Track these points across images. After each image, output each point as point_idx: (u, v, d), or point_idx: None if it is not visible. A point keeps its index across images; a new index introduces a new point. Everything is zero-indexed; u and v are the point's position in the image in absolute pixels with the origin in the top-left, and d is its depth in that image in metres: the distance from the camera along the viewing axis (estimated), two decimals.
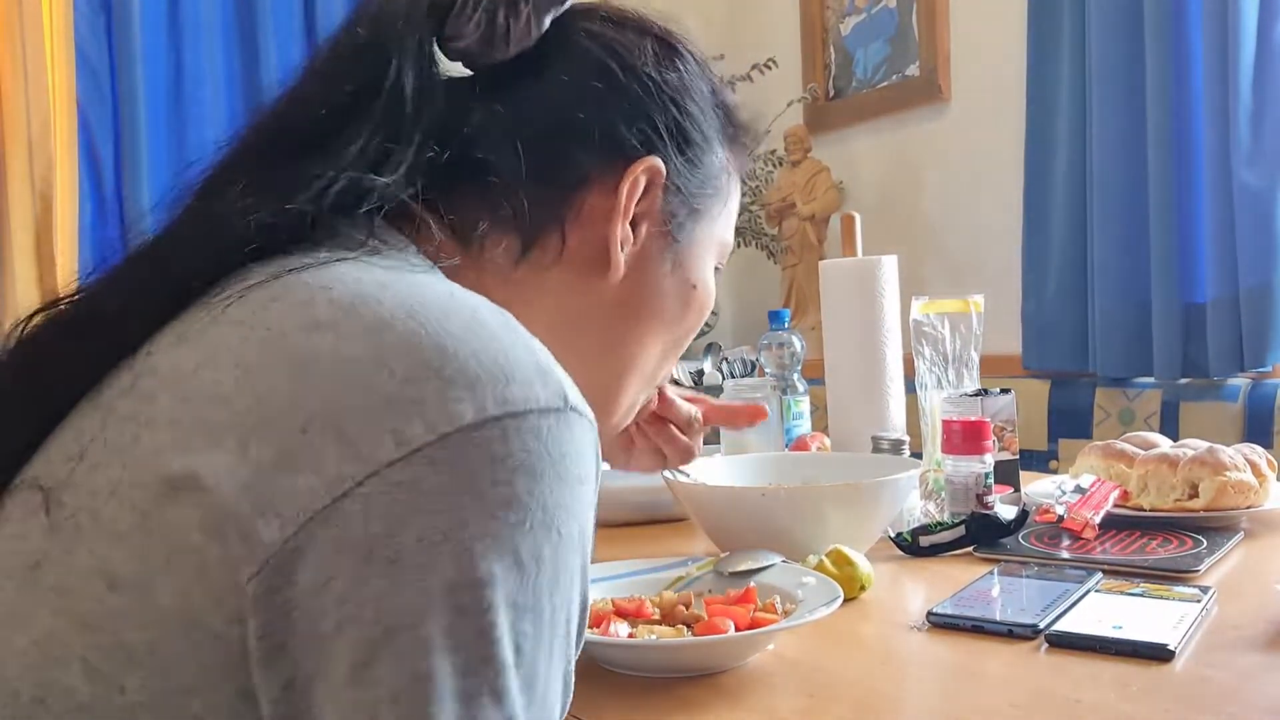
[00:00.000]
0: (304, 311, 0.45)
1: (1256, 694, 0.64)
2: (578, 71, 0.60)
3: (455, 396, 0.41)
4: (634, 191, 0.60)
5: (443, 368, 0.42)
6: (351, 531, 0.39)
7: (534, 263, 0.59)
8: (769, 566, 0.84)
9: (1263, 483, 1.07)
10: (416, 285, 0.47)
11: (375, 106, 0.53)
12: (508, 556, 0.40)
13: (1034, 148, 2.21)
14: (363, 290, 0.45)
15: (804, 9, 2.90)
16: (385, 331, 0.43)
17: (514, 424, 0.41)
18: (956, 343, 1.26)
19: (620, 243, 0.61)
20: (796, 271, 2.78)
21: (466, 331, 0.44)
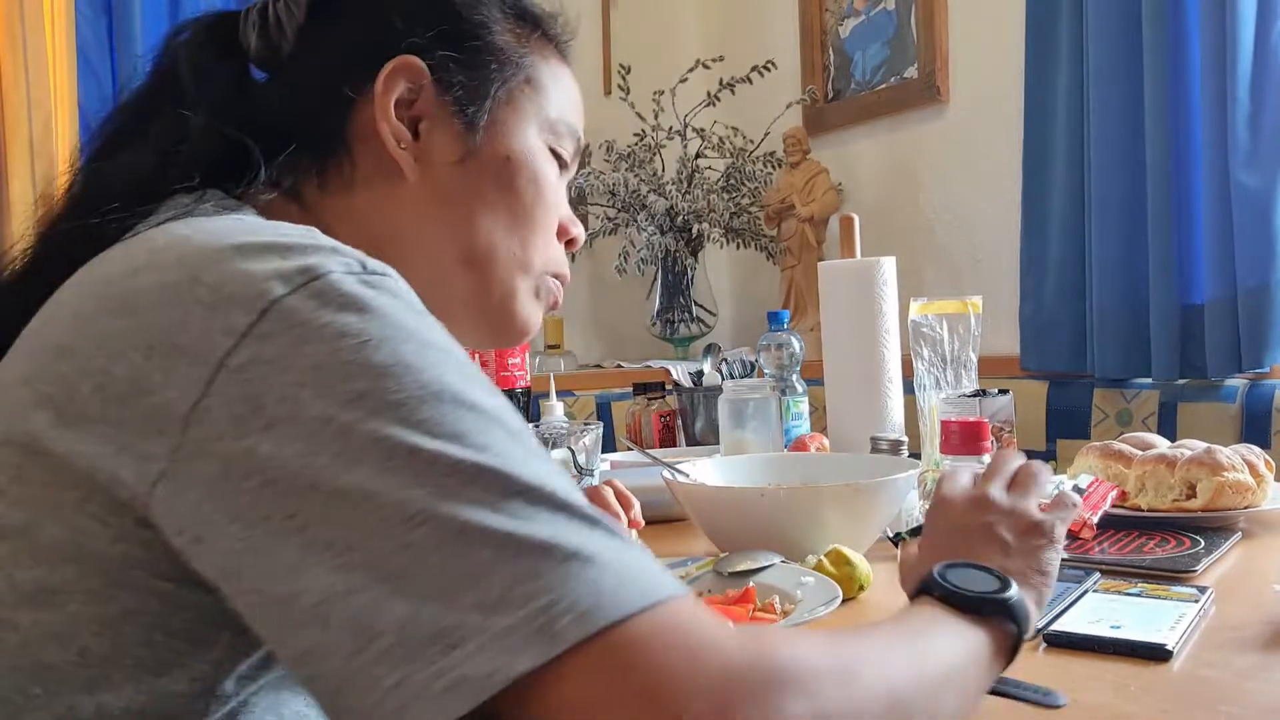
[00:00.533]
0: (126, 261, 0.50)
1: (1254, 694, 0.64)
2: (330, 12, 0.67)
3: (263, 278, 0.45)
4: (389, 90, 0.64)
5: (248, 263, 0.46)
6: (221, 422, 0.43)
7: (334, 185, 0.65)
8: (768, 566, 0.85)
9: (1260, 483, 1.07)
10: (224, 220, 0.53)
11: (171, 112, 0.62)
12: (367, 372, 0.43)
13: (1032, 149, 2.21)
14: (176, 233, 0.50)
15: (803, 11, 2.90)
16: (194, 256, 0.47)
17: (321, 282, 0.45)
18: (955, 343, 1.27)
19: (396, 140, 0.64)
20: (795, 273, 2.78)
21: (264, 232, 0.49)
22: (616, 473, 1.33)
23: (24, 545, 0.46)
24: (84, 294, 0.50)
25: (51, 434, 0.46)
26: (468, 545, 0.40)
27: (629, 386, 2.11)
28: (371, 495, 0.41)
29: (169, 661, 0.46)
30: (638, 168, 2.71)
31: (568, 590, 0.40)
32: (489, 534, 0.41)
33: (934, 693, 0.49)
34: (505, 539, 0.41)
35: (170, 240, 0.50)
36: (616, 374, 2.68)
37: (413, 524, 0.41)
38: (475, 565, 0.40)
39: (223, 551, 0.42)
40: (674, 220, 2.69)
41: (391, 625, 0.39)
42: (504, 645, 0.39)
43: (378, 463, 0.41)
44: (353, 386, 0.43)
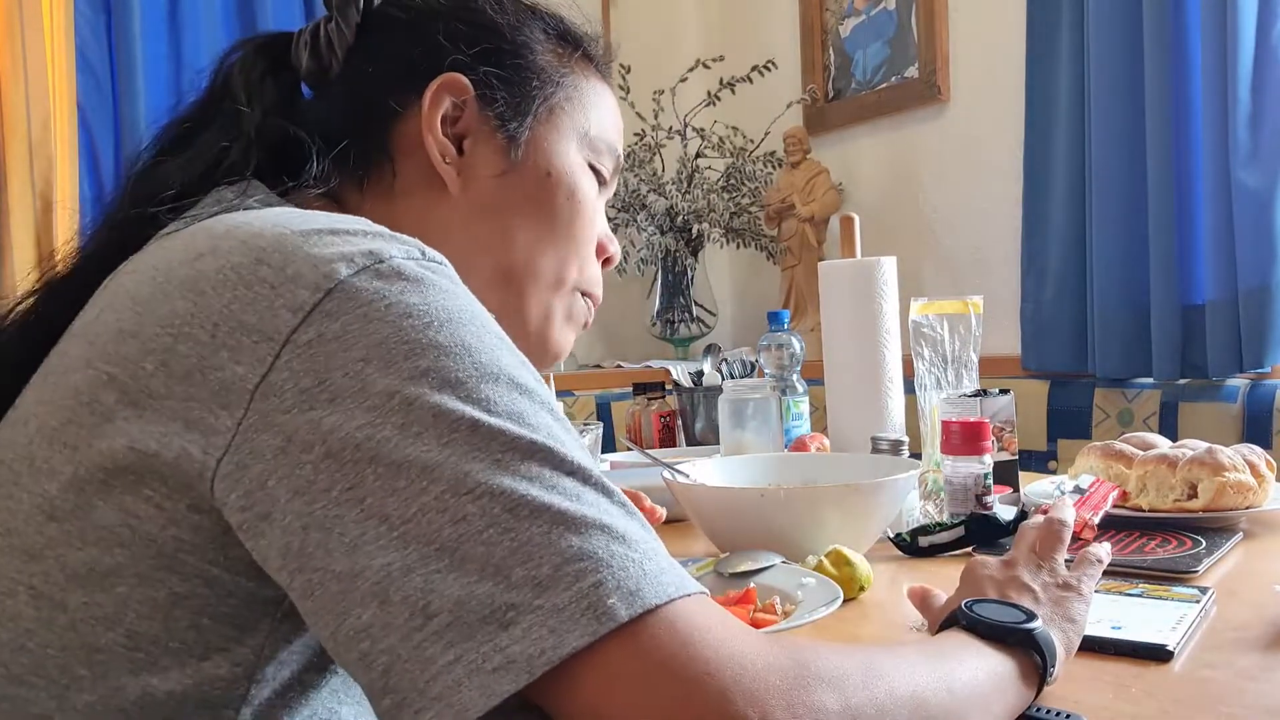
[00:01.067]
0: (186, 247, 0.51)
1: (1255, 694, 0.64)
2: (379, 32, 0.70)
3: (327, 260, 0.47)
4: (436, 106, 0.67)
5: (311, 246, 0.47)
6: (288, 395, 0.44)
7: (375, 192, 0.67)
8: (769, 567, 0.85)
9: (1261, 483, 1.07)
10: (280, 210, 0.54)
11: (222, 124, 0.65)
12: (429, 351, 0.45)
13: (1033, 149, 2.21)
14: (234, 220, 0.52)
15: (803, 11, 2.90)
16: (257, 239, 0.49)
17: (385, 265, 0.47)
18: (955, 343, 1.26)
19: (440, 155, 0.67)
20: (796, 273, 2.78)
21: (324, 220, 0.50)
22: (616, 473, 1.33)
23: (75, 527, 0.47)
24: (143, 280, 0.51)
25: (119, 414, 0.46)
26: (520, 520, 0.42)
27: (629, 386, 2.11)
28: (432, 467, 0.42)
29: (214, 646, 0.47)
30: (638, 167, 2.71)
31: (615, 571, 0.42)
32: (542, 509, 0.42)
33: (959, 709, 0.50)
34: (557, 515, 0.42)
35: (230, 227, 0.51)
36: (616, 374, 2.68)
37: (469, 497, 0.42)
38: (528, 540, 0.41)
39: (285, 529, 0.43)
40: (674, 220, 2.69)
41: (448, 603, 0.40)
42: (553, 624, 0.40)
43: (439, 435, 0.43)
44: (416, 363, 0.44)
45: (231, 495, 0.44)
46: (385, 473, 0.42)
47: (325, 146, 0.65)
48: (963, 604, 0.61)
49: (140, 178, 0.64)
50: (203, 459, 0.45)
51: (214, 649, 0.47)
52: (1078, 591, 0.68)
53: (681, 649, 0.41)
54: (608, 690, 0.40)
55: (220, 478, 0.44)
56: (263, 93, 0.67)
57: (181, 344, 0.46)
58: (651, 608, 0.41)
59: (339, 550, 0.42)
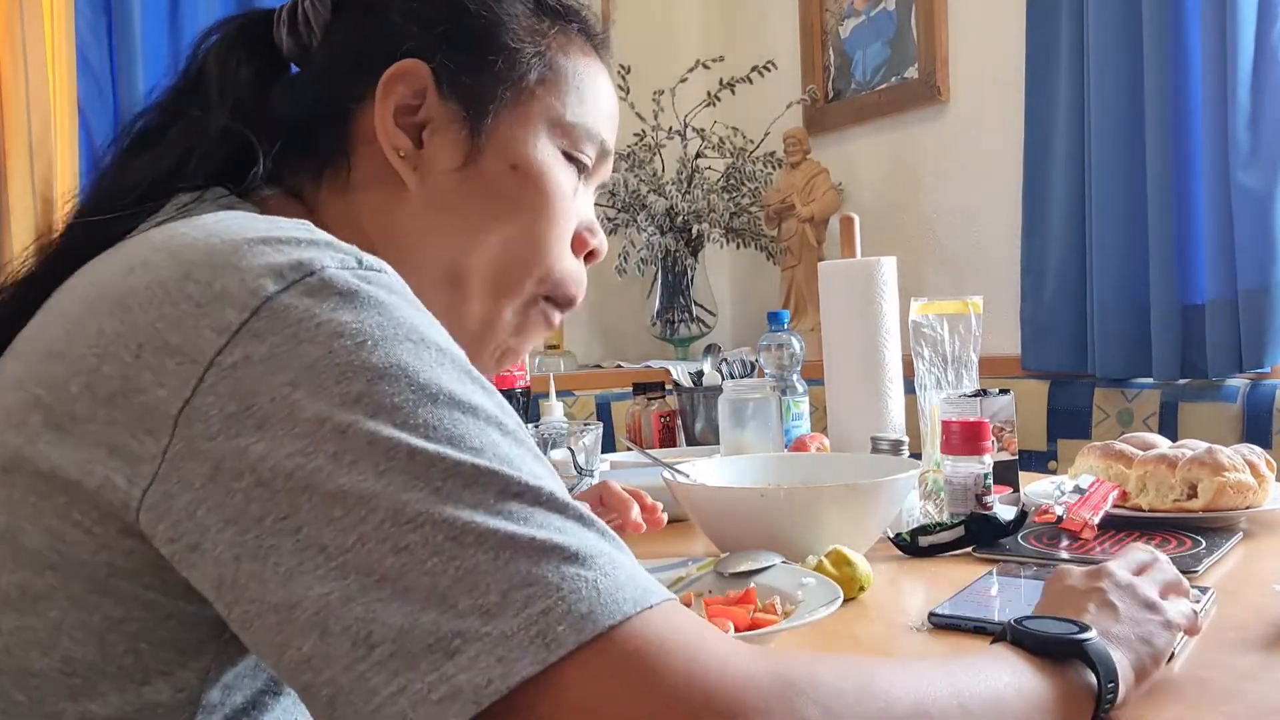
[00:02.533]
0: (122, 261, 0.49)
1: (1255, 694, 0.64)
2: (350, 10, 0.65)
3: (255, 274, 0.44)
4: (388, 97, 0.62)
5: (240, 259, 0.45)
6: (213, 421, 0.42)
7: (332, 186, 0.63)
8: (769, 567, 0.85)
9: (1261, 483, 1.07)
10: (220, 216, 0.51)
11: (192, 116, 0.62)
12: (363, 374, 0.42)
13: (1033, 149, 2.21)
14: (172, 230, 0.49)
15: (803, 11, 2.90)
16: (186, 252, 0.46)
17: (315, 278, 0.44)
18: (955, 343, 1.26)
19: (395, 149, 0.62)
20: (795, 273, 2.78)
21: (260, 228, 0.47)
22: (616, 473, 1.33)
23: (6, 550, 0.45)
24: (77, 295, 0.49)
25: (44, 437, 0.45)
26: (465, 547, 0.40)
27: (629, 386, 2.11)
28: (368, 497, 0.40)
29: (154, 670, 0.46)
30: (638, 168, 2.71)
31: (566, 594, 0.40)
32: (486, 535, 0.40)
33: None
34: (503, 540, 0.40)
35: (165, 238, 0.49)
36: (616, 374, 2.68)
37: (410, 526, 0.40)
38: (473, 568, 0.40)
39: (217, 559, 0.41)
40: (674, 220, 2.69)
41: (390, 633, 0.39)
42: (501, 653, 0.38)
43: (375, 464, 0.41)
44: (349, 388, 0.42)
45: (159, 526, 0.42)
46: (320, 502, 0.40)
47: (293, 136, 0.62)
48: (1013, 619, 0.56)
49: (107, 176, 0.62)
50: (127, 489, 0.43)
51: (155, 673, 0.46)
52: (1164, 617, 0.63)
53: (644, 670, 0.39)
54: (569, 715, 0.38)
55: (146, 509, 0.42)
56: (237, 82, 0.63)
57: (106, 365, 0.44)
58: (605, 629, 0.39)
59: (274, 581, 0.40)
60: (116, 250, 0.51)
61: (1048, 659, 0.54)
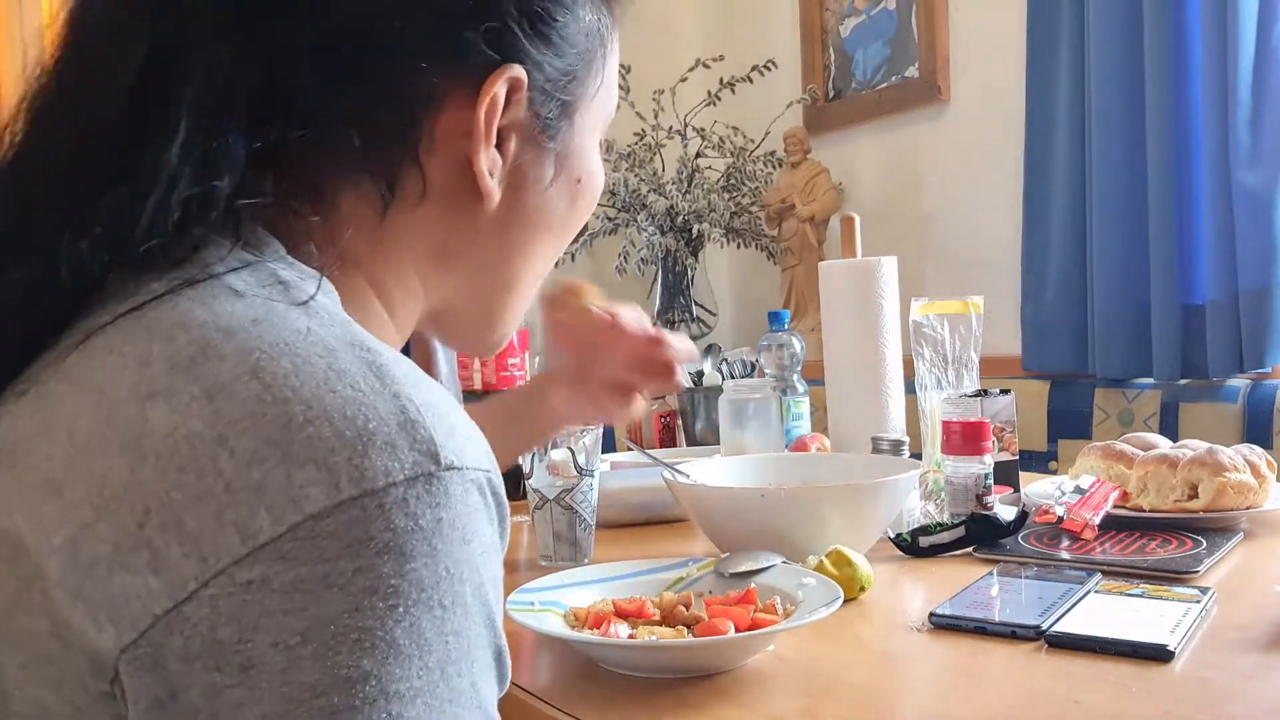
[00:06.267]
0: (139, 373, 0.40)
1: (1256, 695, 0.64)
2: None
3: (304, 478, 0.37)
4: (494, 110, 0.51)
5: (289, 442, 0.37)
6: (198, 639, 0.36)
7: (399, 207, 0.52)
8: (769, 567, 0.85)
9: (1262, 484, 1.07)
10: (267, 327, 0.41)
11: (182, 89, 0.45)
12: (381, 648, 0.36)
13: (1033, 149, 2.21)
14: (205, 340, 0.40)
15: (803, 11, 2.90)
16: (225, 399, 0.38)
17: (373, 502, 0.37)
18: (956, 344, 1.26)
19: (488, 170, 0.52)
20: (796, 273, 2.78)
21: (320, 388, 0.39)
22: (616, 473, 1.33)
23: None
24: (83, 406, 0.40)
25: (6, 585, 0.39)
26: None
27: None
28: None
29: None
30: (638, 167, 2.70)
31: None
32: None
33: None
34: None
35: (195, 352, 0.40)
36: None
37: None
38: None
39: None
40: (674, 220, 2.69)
41: None
42: None
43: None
44: (359, 663, 0.36)
45: None
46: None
47: (335, 134, 0.49)
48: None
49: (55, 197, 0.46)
50: (85, 684, 0.38)
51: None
52: None
53: None
54: None
55: (105, 711, 0.38)
56: None
57: (103, 523, 0.37)
58: None
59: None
60: (135, 342, 0.41)
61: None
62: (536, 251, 0.59)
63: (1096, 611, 0.78)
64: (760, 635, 0.72)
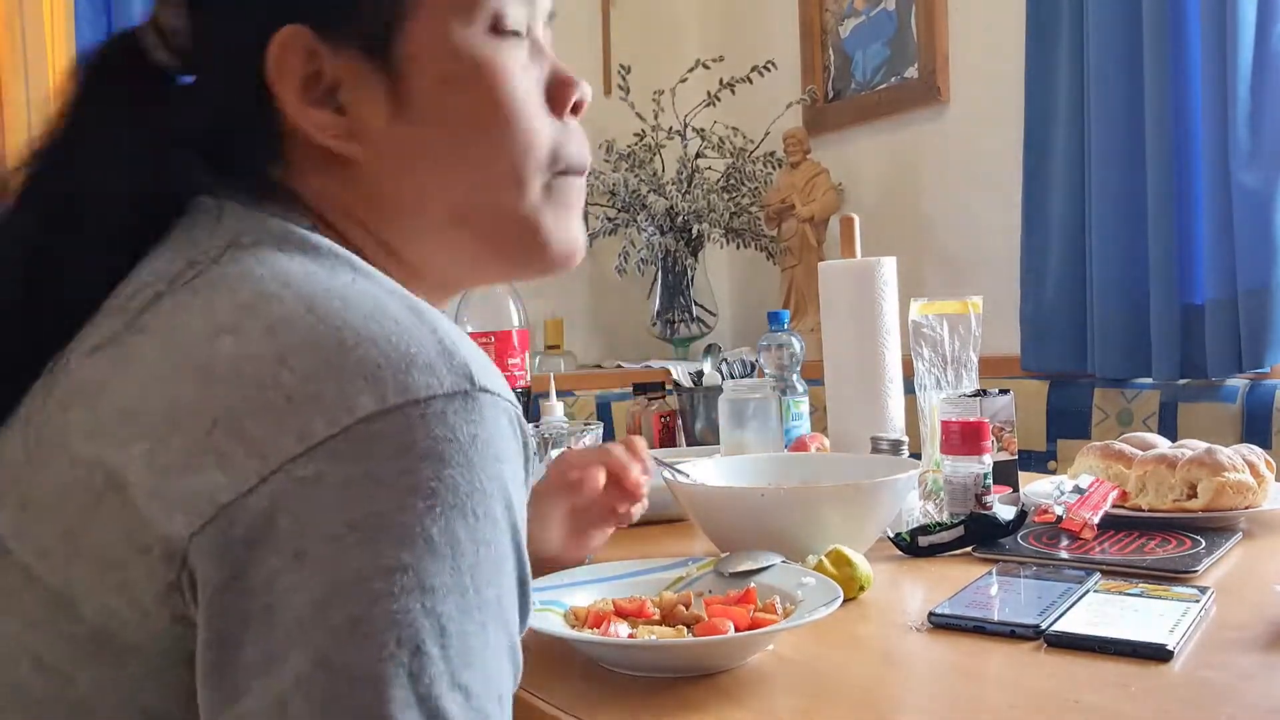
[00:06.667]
0: (207, 317, 0.45)
1: (1255, 695, 0.64)
2: (206, 6, 0.56)
3: (355, 389, 0.41)
4: (284, 77, 0.53)
5: (342, 361, 0.42)
6: (258, 527, 0.40)
7: (308, 175, 0.56)
8: (769, 567, 0.85)
9: (1261, 483, 1.07)
10: (319, 277, 0.47)
11: None
12: (419, 542, 0.40)
13: (1032, 149, 2.21)
14: (264, 289, 0.46)
15: (803, 11, 2.90)
16: (285, 329, 0.44)
17: (416, 411, 0.42)
18: (955, 343, 1.26)
19: (321, 130, 0.54)
20: (795, 273, 2.78)
21: (367, 320, 0.44)
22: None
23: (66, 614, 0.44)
24: (157, 348, 0.46)
25: (135, 482, 0.43)
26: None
27: (629, 386, 2.11)
28: (356, 679, 0.39)
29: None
30: (638, 168, 2.71)
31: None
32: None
33: None
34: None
35: (254, 296, 0.45)
36: (616, 374, 2.68)
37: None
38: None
39: (198, 663, 0.41)
40: (674, 220, 2.69)
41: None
42: None
43: (382, 647, 0.39)
44: (400, 554, 0.40)
45: (193, 614, 0.42)
46: (310, 664, 0.39)
47: (216, 146, 0.55)
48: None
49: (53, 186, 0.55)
50: (154, 577, 0.42)
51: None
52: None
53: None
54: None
55: (175, 597, 0.42)
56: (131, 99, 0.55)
57: (176, 436, 0.42)
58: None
59: (246, 702, 0.39)
60: (198, 300, 0.47)
61: None
62: (454, 173, 0.56)
63: (1095, 611, 0.79)
64: (760, 635, 0.72)
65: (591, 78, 3.34)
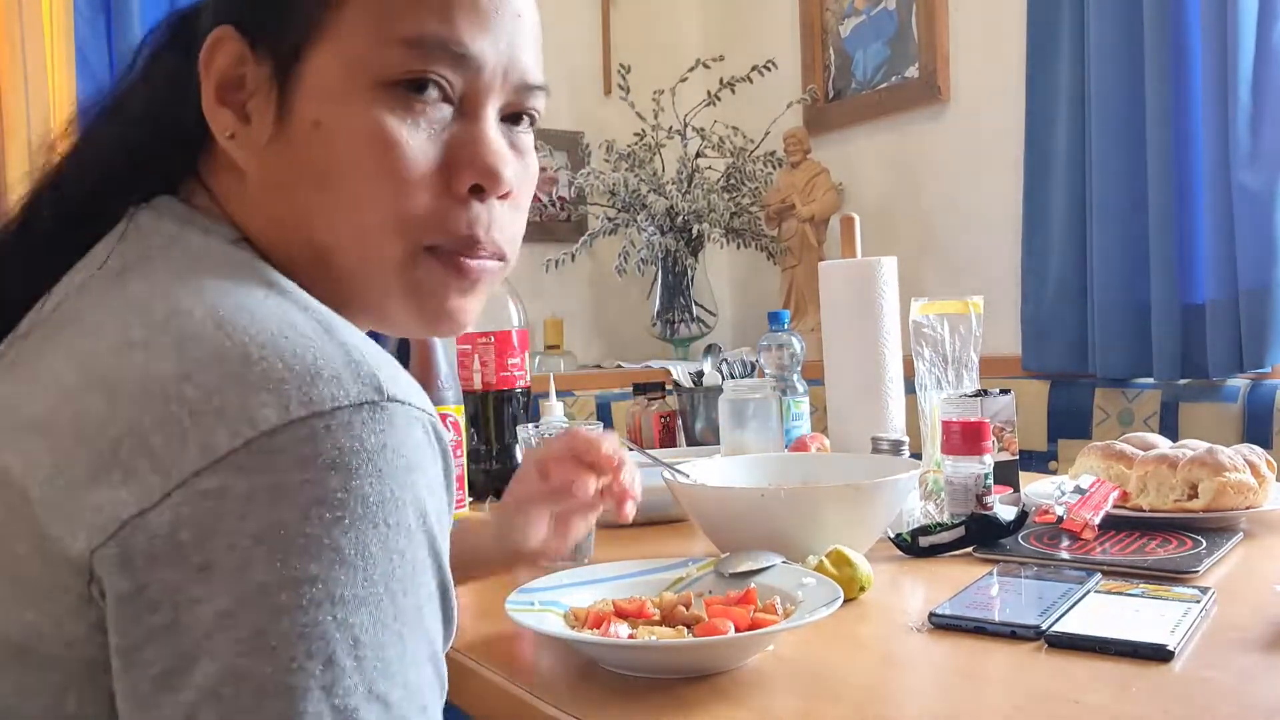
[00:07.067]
0: (118, 331, 0.46)
1: (1256, 695, 0.64)
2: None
3: (259, 401, 0.41)
4: (208, 76, 0.55)
5: (246, 373, 0.42)
6: (161, 541, 0.40)
7: (223, 173, 0.57)
8: (769, 567, 0.84)
9: (1262, 483, 1.07)
10: (229, 292, 0.47)
11: None
12: (328, 554, 0.40)
13: (1033, 149, 2.21)
14: (176, 304, 0.46)
15: (803, 11, 2.90)
16: (193, 345, 0.43)
17: (321, 422, 0.41)
18: (956, 344, 1.26)
19: (222, 131, 0.55)
20: (796, 273, 2.78)
21: (273, 334, 0.44)
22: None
23: None
24: (67, 360, 0.46)
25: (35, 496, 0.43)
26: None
27: (629, 387, 2.10)
28: (267, 691, 0.39)
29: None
30: (638, 168, 2.71)
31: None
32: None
33: None
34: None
35: (167, 313, 0.45)
36: (616, 374, 2.68)
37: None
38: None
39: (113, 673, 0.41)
40: (674, 220, 2.69)
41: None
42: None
43: (291, 659, 0.39)
44: (307, 566, 0.40)
45: (100, 627, 0.42)
46: (217, 675, 0.39)
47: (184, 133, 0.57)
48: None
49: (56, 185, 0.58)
50: (62, 588, 0.42)
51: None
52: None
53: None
54: None
55: (82, 609, 0.42)
56: (167, 88, 0.58)
57: (82, 449, 0.42)
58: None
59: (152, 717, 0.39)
60: (110, 313, 0.47)
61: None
62: (315, 212, 0.54)
63: (1096, 611, 0.78)
64: (760, 635, 0.72)
65: (591, 78, 3.33)
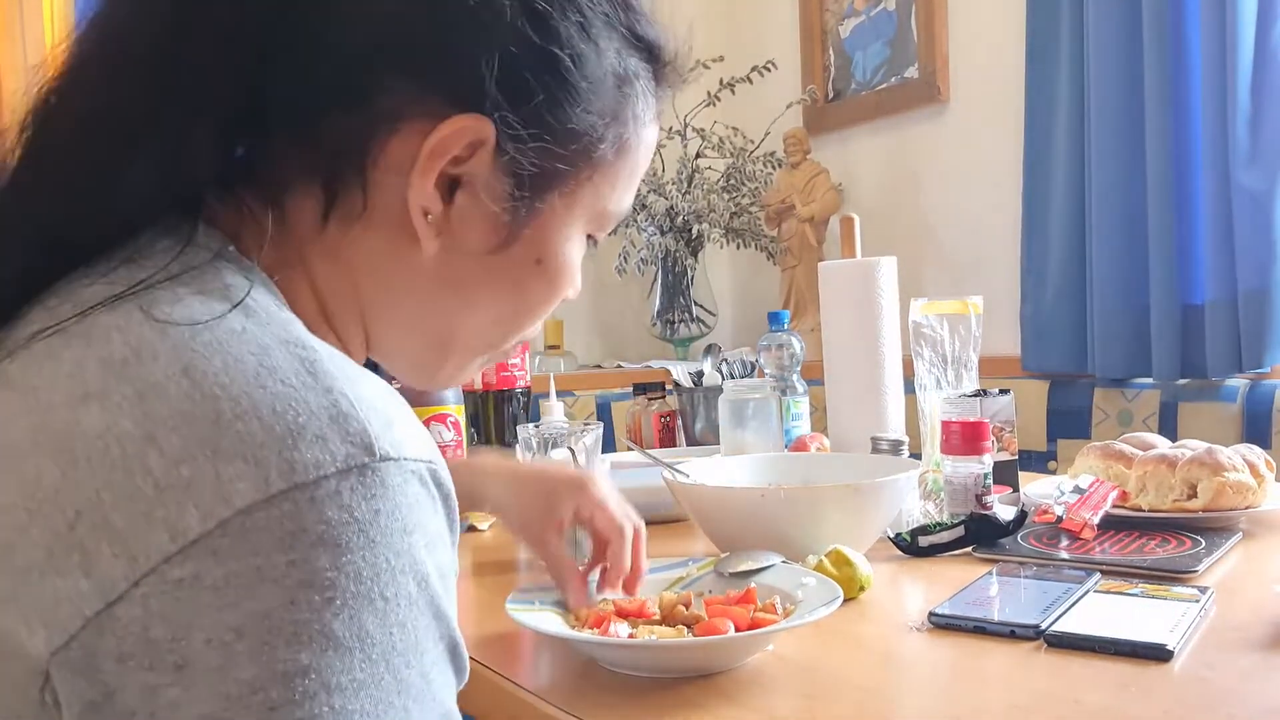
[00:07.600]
0: (74, 379, 0.40)
1: (1255, 694, 0.64)
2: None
3: (233, 473, 0.36)
4: (441, 151, 0.48)
5: (218, 439, 0.37)
6: (131, 639, 0.35)
7: (340, 220, 0.50)
8: (769, 567, 0.85)
9: (1261, 483, 1.07)
10: (203, 328, 0.41)
11: (167, 72, 0.46)
12: (319, 641, 0.36)
13: (1033, 149, 2.21)
14: (140, 341, 0.40)
15: (803, 11, 2.90)
16: (156, 398, 0.38)
17: (304, 495, 0.37)
18: (955, 344, 1.26)
19: (422, 210, 0.50)
20: (796, 273, 2.78)
21: (250, 384, 0.39)
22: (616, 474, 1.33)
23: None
24: (19, 411, 0.40)
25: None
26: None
27: (629, 387, 2.11)
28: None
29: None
30: None
31: None
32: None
33: None
34: None
35: (128, 354, 0.40)
36: (616, 374, 2.68)
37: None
38: None
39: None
40: (674, 220, 2.69)
41: None
42: None
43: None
44: (298, 656, 0.36)
45: None
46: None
47: (293, 134, 0.49)
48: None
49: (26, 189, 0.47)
50: (23, 692, 0.37)
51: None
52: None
53: None
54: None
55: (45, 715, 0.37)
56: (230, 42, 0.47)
57: (35, 527, 0.37)
58: None
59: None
60: (73, 346, 0.41)
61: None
62: (473, 318, 0.55)
63: (1095, 611, 0.79)
64: (760, 635, 0.72)
65: None
